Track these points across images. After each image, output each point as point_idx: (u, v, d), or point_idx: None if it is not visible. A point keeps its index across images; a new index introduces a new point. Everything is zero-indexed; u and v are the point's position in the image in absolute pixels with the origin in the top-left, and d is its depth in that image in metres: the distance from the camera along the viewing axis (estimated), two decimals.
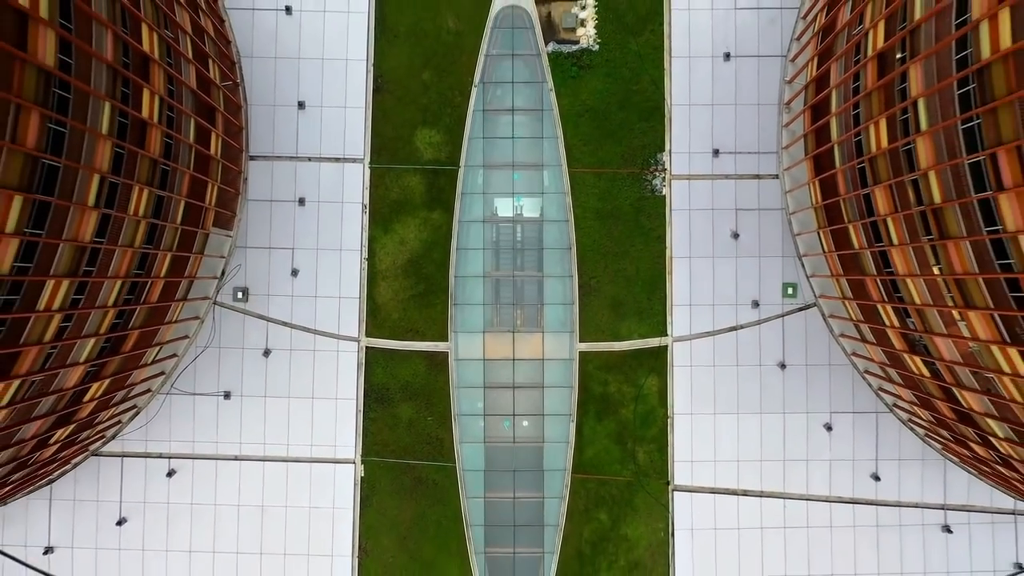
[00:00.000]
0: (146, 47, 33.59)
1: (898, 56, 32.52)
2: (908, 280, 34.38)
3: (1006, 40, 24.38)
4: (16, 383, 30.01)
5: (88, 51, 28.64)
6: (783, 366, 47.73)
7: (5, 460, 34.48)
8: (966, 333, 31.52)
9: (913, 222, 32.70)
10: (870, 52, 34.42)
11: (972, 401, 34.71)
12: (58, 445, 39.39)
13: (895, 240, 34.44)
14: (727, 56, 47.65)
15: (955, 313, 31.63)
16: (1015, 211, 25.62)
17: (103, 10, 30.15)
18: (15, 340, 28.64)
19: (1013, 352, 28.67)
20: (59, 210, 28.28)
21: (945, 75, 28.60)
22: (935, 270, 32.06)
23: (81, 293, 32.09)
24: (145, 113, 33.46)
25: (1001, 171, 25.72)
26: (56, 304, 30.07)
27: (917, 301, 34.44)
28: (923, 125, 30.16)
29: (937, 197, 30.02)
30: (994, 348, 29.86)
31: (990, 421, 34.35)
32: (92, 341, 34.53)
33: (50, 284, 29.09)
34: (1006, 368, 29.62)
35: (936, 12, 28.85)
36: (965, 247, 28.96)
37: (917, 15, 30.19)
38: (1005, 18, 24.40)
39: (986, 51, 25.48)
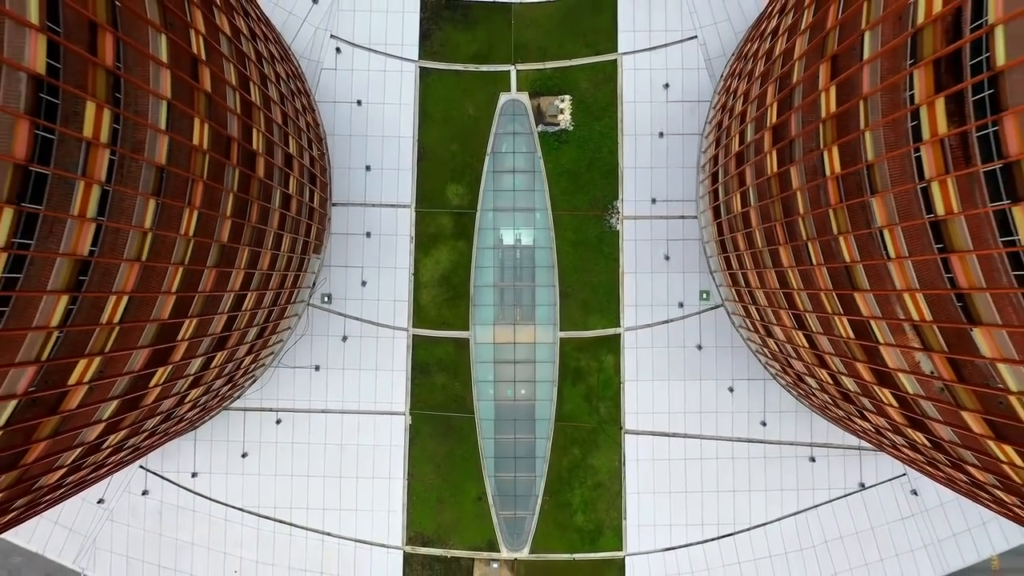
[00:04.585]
0: (291, 150, 55.07)
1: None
2: (756, 291, 55.88)
3: (775, 167, 45.86)
4: (226, 352, 51.54)
5: (271, 162, 50.12)
6: (700, 347, 68.97)
7: (201, 404, 55.98)
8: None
9: (756, 256, 54.11)
10: (732, 151, 55.83)
11: (797, 366, 56.17)
12: (219, 397, 60.92)
13: (748, 266, 55.89)
14: (661, 134, 68.93)
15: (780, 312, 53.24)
16: (786, 257, 47.02)
17: (275, 134, 51.55)
18: (229, 327, 50.13)
19: (799, 335, 50.19)
20: (256, 253, 49.72)
21: (761, 175, 49.99)
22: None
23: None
24: (292, 191, 54.95)
25: (773, 235, 47.20)
26: (249, 307, 51.54)
27: (762, 304, 55.92)
28: (752, 202, 51.62)
29: (760, 244, 51.51)
30: (794, 333, 51.37)
31: (808, 379, 55.80)
32: (256, 329, 56.04)
33: (249, 295, 50.59)
34: (798, 343, 51.15)
35: (755, 141, 50.33)
36: (772, 274, 50.45)
37: (748, 138, 51.66)
38: (774, 155, 45.86)
39: (769, 170, 46.98)
